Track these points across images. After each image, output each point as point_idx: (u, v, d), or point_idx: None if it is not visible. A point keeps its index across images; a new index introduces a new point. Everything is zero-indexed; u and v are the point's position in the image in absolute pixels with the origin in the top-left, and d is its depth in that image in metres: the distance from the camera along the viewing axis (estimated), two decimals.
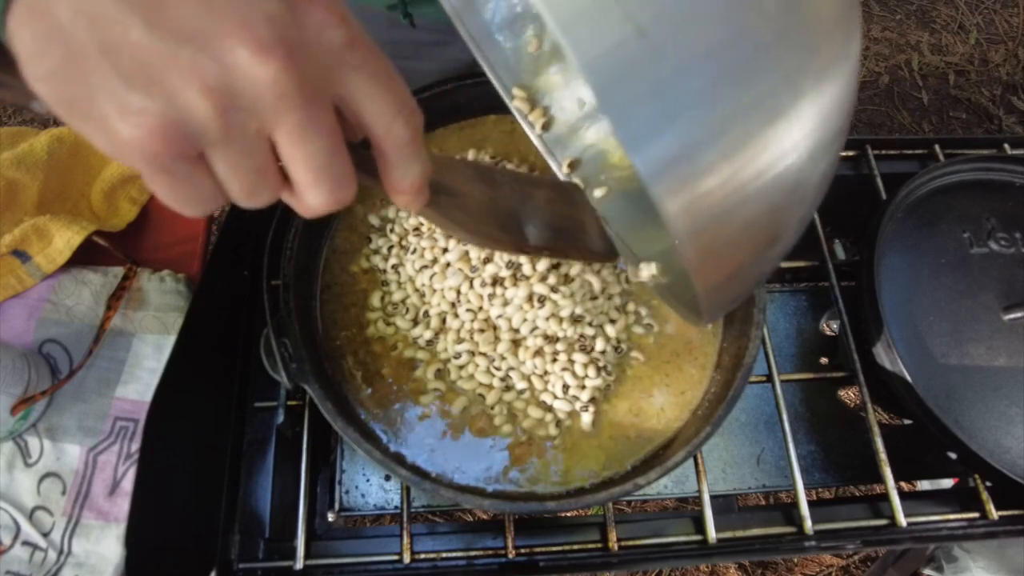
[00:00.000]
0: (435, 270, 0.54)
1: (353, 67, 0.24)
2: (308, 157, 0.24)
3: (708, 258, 0.30)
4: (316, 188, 0.25)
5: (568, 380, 0.51)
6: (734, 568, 1.21)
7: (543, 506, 0.46)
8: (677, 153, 0.26)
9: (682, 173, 0.26)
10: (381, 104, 0.25)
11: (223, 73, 0.21)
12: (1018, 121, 1.68)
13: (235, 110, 0.22)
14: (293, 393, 0.54)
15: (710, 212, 0.28)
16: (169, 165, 0.23)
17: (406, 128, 0.26)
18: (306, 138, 0.24)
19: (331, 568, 0.51)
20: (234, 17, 0.21)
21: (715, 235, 0.29)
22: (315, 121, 0.23)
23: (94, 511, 0.54)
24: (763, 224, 0.31)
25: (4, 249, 0.59)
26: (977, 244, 0.60)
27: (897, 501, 0.54)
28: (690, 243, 0.29)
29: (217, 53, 0.21)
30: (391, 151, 0.27)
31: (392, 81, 0.26)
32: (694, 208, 0.27)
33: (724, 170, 0.27)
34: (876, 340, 0.57)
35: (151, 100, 0.21)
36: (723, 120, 0.26)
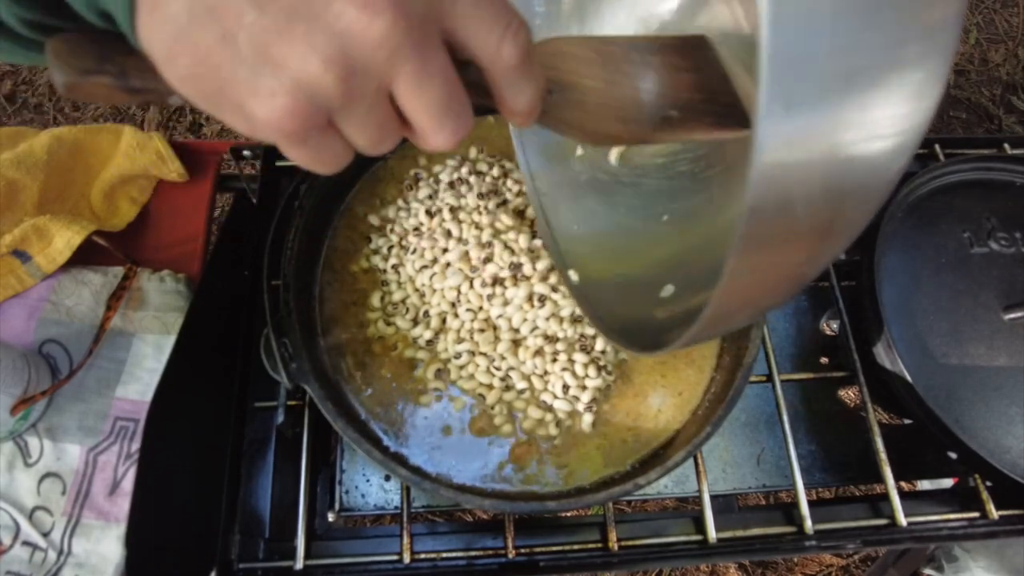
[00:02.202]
0: (435, 270, 0.54)
1: (448, 2, 0.24)
2: (428, 104, 0.25)
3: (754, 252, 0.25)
4: (439, 130, 0.26)
5: (568, 380, 0.51)
6: (734, 568, 1.21)
7: (543, 506, 0.46)
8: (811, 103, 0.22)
9: (802, 127, 0.22)
10: (486, 30, 0.25)
11: (337, 41, 0.22)
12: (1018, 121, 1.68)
13: (356, 74, 0.23)
14: (293, 393, 0.54)
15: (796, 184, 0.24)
16: (305, 137, 0.24)
17: (514, 49, 0.25)
18: (424, 86, 0.24)
19: (331, 568, 0.51)
20: (299, 31, 0.21)
21: (778, 222, 0.25)
22: (429, 67, 0.24)
23: (94, 511, 0.54)
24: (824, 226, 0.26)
25: (4, 249, 0.59)
26: (977, 244, 0.60)
27: (897, 501, 0.54)
28: (751, 219, 0.24)
29: (328, 21, 0.22)
30: (502, 75, 0.26)
31: (493, 5, 0.25)
32: (785, 172, 0.23)
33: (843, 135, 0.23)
34: (876, 340, 0.57)
35: (278, 80, 0.22)
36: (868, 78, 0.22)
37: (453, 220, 0.55)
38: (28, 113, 1.61)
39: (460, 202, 0.56)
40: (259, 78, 0.22)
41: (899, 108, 0.23)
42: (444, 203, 0.56)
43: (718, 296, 0.27)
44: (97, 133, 0.67)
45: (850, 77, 0.22)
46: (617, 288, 0.47)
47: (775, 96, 0.21)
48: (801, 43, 0.21)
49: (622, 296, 0.46)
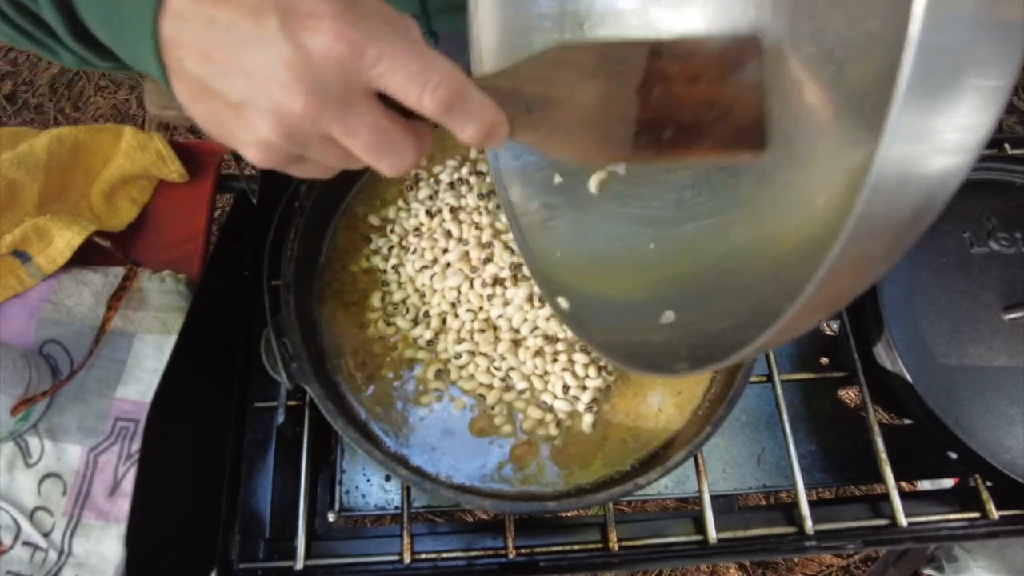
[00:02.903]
0: (435, 270, 0.54)
1: (368, 68, 0.29)
2: (360, 147, 0.31)
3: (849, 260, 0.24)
4: (379, 164, 0.32)
5: (568, 380, 0.51)
6: (734, 568, 1.21)
7: (543, 506, 0.46)
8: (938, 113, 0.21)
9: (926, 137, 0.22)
10: (404, 88, 0.30)
11: (273, 115, 0.29)
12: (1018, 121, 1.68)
13: (294, 133, 0.30)
14: (293, 393, 0.54)
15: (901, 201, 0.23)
16: (285, 166, 0.33)
17: (433, 101, 0.30)
18: (351, 137, 0.30)
19: (331, 568, 0.51)
20: (261, 71, 0.28)
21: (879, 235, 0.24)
22: (352, 124, 0.30)
23: (94, 511, 0.54)
24: (904, 234, 0.25)
25: (4, 249, 0.59)
26: (977, 244, 0.60)
27: (898, 501, 0.53)
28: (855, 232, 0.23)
29: (264, 103, 0.29)
30: (438, 118, 0.31)
31: (409, 63, 0.29)
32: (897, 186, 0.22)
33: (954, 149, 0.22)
34: (876, 340, 0.57)
35: (246, 137, 0.31)
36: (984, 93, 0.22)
37: (453, 220, 0.55)
38: (28, 113, 1.61)
39: (460, 202, 0.56)
40: (237, 135, 0.31)
41: (985, 118, 0.23)
42: (444, 203, 0.56)
43: (799, 306, 0.26)
44: (97, 133, 0.67)
45: (966, 79, 0.21)
46: (611, 314, 0.46)
47: (916, 89, 0.20)
48: (946, 37, 0.20)
49: (616, 322, 0.45)
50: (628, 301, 0.46)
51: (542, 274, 0.49)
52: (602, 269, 0.48)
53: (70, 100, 1.63)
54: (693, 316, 0.41)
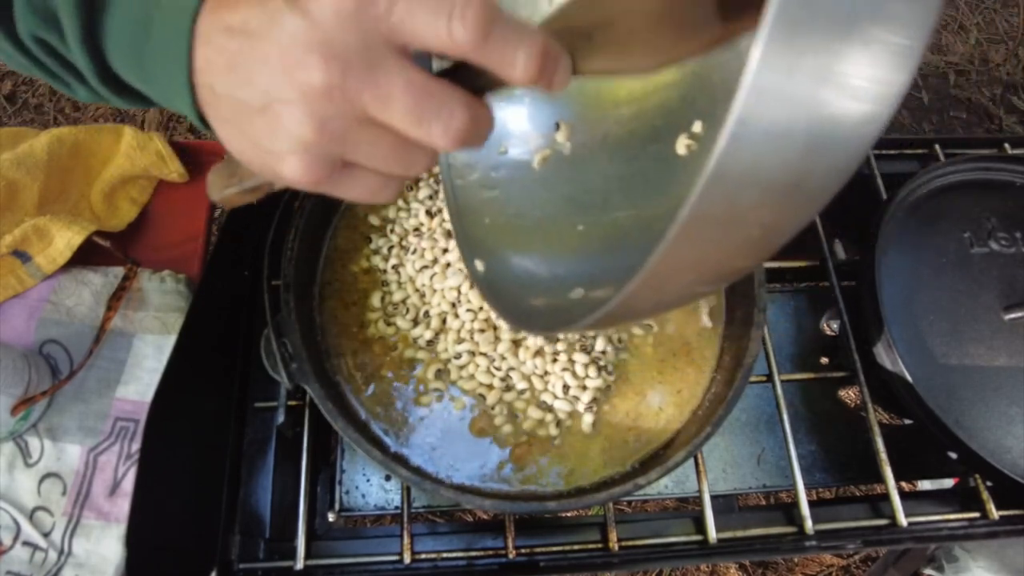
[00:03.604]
0: (435, 270, 0.54)
1: (384, 14, 0.25)
2: (402, 117, 0.26)
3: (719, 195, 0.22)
4: (429, 135, 0.26)
5: (568, 380, 0.51)
6: (735, 568, 1.21)
7: (543, 506, 0.46)
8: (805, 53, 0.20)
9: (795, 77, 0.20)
10: (429, 22, 0.25)
11: (301, 103, 0.26)
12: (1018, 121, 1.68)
13: (329, 122, 0.26)
14: (293, 393, 0.54)
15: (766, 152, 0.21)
16: (331, 180, 0.28)
17: (466, 26, 0.25)
18: (388, 104, 0.26)
19: (331, 568, 0.51)
20: (278, 57, 0.26)
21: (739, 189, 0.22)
22: (384, 86, 0.26)
23: (94, 511, 0.54)
24: (791, 185, 0.23)
25: (4, 249, 0.59)
26: (977, 244, 0.60)
27: (898, 501, 0.53)
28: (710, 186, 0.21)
29: (289, 92, 0.26)
30: (474, 56, 0.26)
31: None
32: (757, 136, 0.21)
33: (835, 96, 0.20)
34: (876, 340, 0.57)
35: (284, 147, 0.27)
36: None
37: None
38: (28, 113, 1.61)
39: None
40: (276, 152, 0.27)
41: (887, 72, 0.21)
42: (444, 203, 0.56)
43: (663, 251, 0.24)
44: (97, 133, 0.67)
45: (855, 21, 0.20)
46: (523, 284, 0.46)
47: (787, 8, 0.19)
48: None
49: (527, 291, 0.45)
50: (544, 274, 0.46)
51: (465, 235, 0.48)
52: (527, 241, 0.48)
53: (70, 100, 1.63)
54: (599, 295, 0.41)
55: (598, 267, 0.44)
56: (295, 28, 0.25)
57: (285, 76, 0.26)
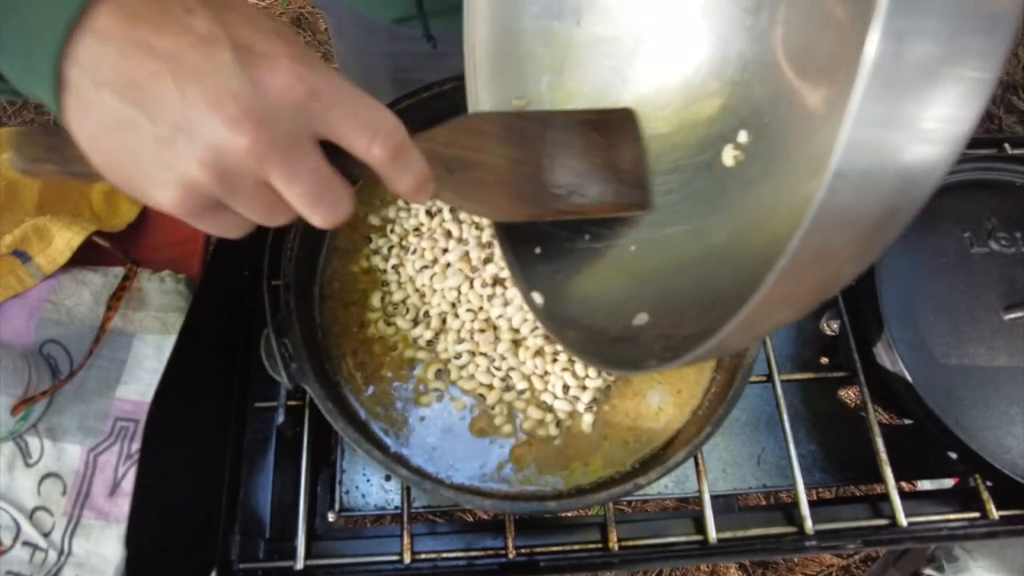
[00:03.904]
0: (435, 270, 0.54)
1: (321, 112, 0.29)
2: (298, 195, 0.29)
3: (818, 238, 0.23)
4: (313, 215, 0.30)
5: (568, 380, 0.51)
6: (735, 568, 1.21)
7: (544, 506, 0.46)
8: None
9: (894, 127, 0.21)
10: (355, 135, 0.30)
11: (210, 149, 0.27)
12: (1018, 121, 1.68)
13: (229, 174, 0.28)
14: (293, 393, 0.54)
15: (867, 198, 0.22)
16: (199, 216, 0.30)
17: (383, 149, 0.30)
18: (292, 182, 0.29)
19: (331, 568, 0.51)
20: (208, 102, 0.26)
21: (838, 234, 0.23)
22: (296, 167, 0.29)
23: (94, 511, 0.54)
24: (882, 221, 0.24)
25: (4, 249, 0.59)
26: (977, 244, 0.60)
27: (898, 501, 0.53)
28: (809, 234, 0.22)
29: (203, 135, 0.27)
30: (378, 169, 0.31)
31: (362, 111, 0.30)
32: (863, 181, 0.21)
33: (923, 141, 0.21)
34: (876, 340, 0.57)
35: (168, 177, 0.28)
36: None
37: (453, 220, 0.55)
38: (28, 113, 1.61)
39: None
40: (154, 175, 0.28)
41: (968, 108, 0.22)
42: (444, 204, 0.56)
43: (760, 297, 0.25)
44: None
45: (942, 65, 0.21)
46: (585, 313, 0.46)
47: (881, 73, 0.20)
48: (916, 22, 0.20)
49: (590, 320, 0.45)
50: (604, 301, 0.46)
51: (520, 268, 0.49)
52: (581, 268, 0.48)
53: None
54: (666, 319, 0.41)
55: (659, 289, 0.43)
56: (237, 88, 0.27)
57: (206, 124, 0.26)
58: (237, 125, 0.26)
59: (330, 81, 0.29)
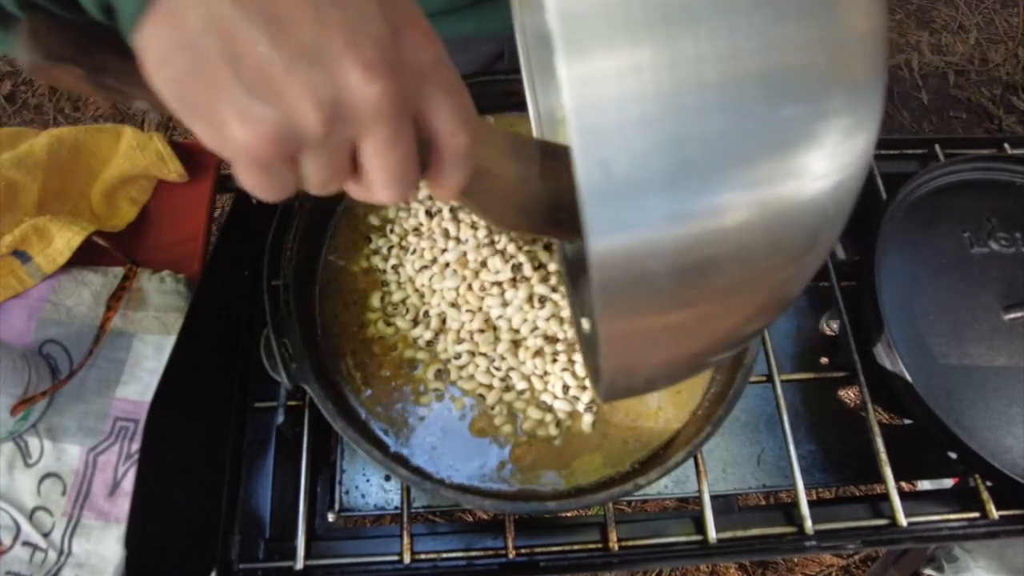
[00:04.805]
0: (435, 270, 0.54)
1: (436, 84, 0.27)
2: (387, 165, 0.27)
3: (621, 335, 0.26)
4: (388, 189, 0.28)
5: (568, 380, 0.51)
6: (734, 568, 1.21)
7: (543, 506, 0.46)
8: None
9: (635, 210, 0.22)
10: (451, 117, 0.28)
11: (335, 89, 0.24)
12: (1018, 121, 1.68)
13: (340, 121, 0.25)
14: (293, 393, 0.54)
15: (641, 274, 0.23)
16: (269, 164, 0.25)
17: (466, 139, 0.29)
18: (389, 150, 0.26)
19: (331, 568, 0.51)
20: (346, 36, 0.23)
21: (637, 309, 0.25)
22: (398, 135, 0.26)
23: (94, 511, 0.54)
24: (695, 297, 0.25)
25: (4, 249, 0.59)
26: (977, 244, 0.60)
27: (897, 501, 0.53)
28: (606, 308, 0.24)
29: (331, 70, 0.24)
30: (448, 157, 0.30)
31: (463, 97, 0.29)
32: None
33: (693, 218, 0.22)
34: (876, 340, 0.57)
35: (269, 108, 0.24)
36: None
37: (452, 220, 0.55)
38: (28, 113, 1.61)
39: None
40: (251, 102, 0.24)
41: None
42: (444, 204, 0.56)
43: (604, 358, 0.28)
44: (97, 133, 0.67)
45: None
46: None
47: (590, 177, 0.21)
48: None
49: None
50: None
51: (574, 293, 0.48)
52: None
53: (70, 100, 1.63)
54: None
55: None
56: (380, 32, 0.24)
57: (341, 58, 0.24)
58: (372, 70, 0.24)
59: (446, 57, 0.27)
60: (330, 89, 0.24)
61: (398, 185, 0.28)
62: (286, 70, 0.23)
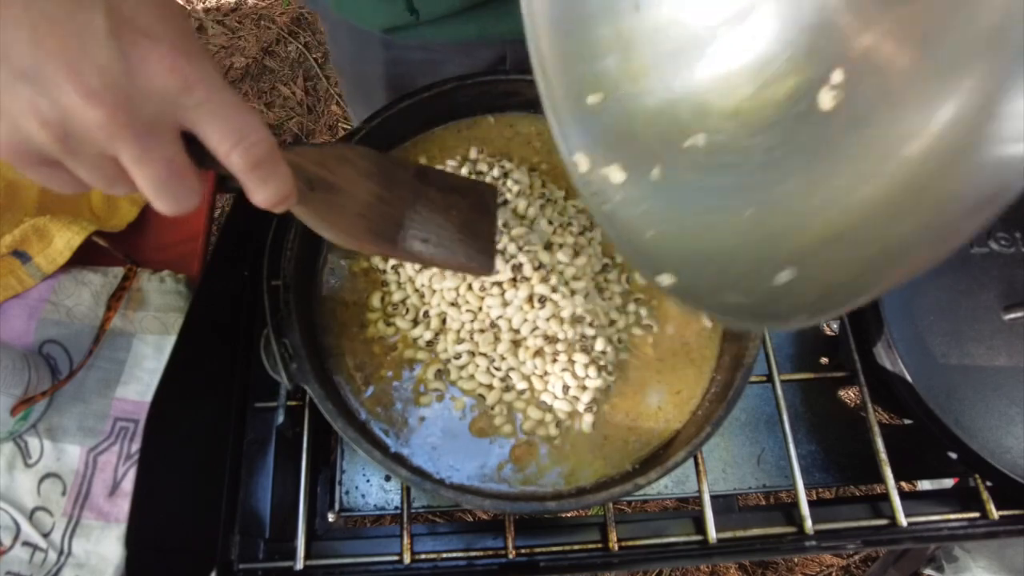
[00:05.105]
0: (434, 270, 0.54)
1: (191, 106, 0.28)
2: (146, 179, 0.29)
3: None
4: (156, 200, 0.30)
5: (568, 380, 0.51)
6: (735, 568, 1.21)
7: (543, 506, 0.46)
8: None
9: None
10: (219, 136, 0.29)
11: (57, 111, 0.25)
12: None
13: (71, 139, 0.26)
14: (293, 393, 0.54)
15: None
16: (29, 168, 0.28)
17: (243, 158, 0.30)
18: (142, 165, 0.28)
19: (331, 568, 0.51)
20: (67, 63, 0.25)
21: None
22: (149, 152, 0.28)
23: (94, 511, 0.54)
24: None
25: (4, 250, 0.59)
26: (977, 244, 0.60)
27: (897, 501, 0.54)
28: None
29: (52, 93, 0.25)
30: (236, 174, 0.31)
31: (232, 115, 0.29)
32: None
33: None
34: (876, 340, 0.57)
35: (11, 123, 0.26)
36: None
37: None
38: None
39: None
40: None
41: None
42: None
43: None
44: None
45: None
46: (720, 283, 0.44)
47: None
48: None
49: (728, 287, 0.43)
50: (736, 269, 0.45)
51: (637, 255, 0.47)
52: (701, 243, 0.47)
53: None
54: (809, 271, 0.40)
55: (788, 244, 0.42)
56: (106, 61, 0.25)
57: (63, 84, 0.25)
58: (94, 97, 0.25)
59: (207, 78, 0.28)
60: (52, 110, 0.25)
61: (165, 196, 0.30)
62: (9, 89, 0.25)
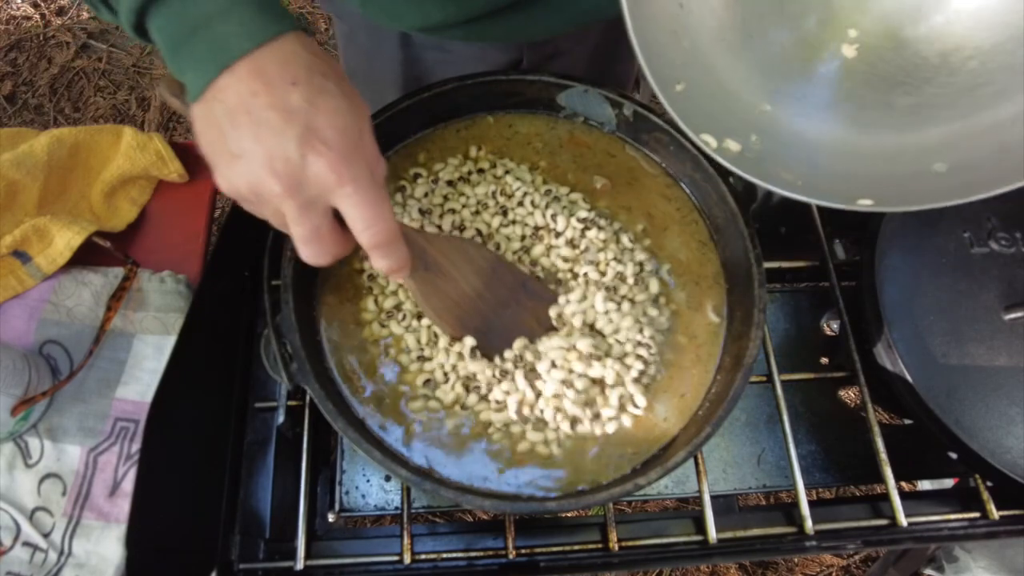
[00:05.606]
0: None
1: (340, 196, 0.39)
2: (297, 233, 0.41)
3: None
4: (302, 250, 0.42)
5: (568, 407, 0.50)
6: (735, 568, 1.21)
7: (543, 506, 0.46)
8: None
9: None
10: (355, 220, 0.40)
11: (254, 178, 0.38)
12: None
13: (259, 196, 0.39)
14: (293, 393, 0.54)
15: None
16: (240, 201, 0.41)
17: (371, 240, 0.41)
18: (296, 225, 0.40)
19: (331, 569, 0.51)
20: (265, 151, 0.37)
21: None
22: (304, 217, 0.40)
23: (94, 512, 0.54)
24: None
25: (4, 250, 0.59)
26: (977, 244, 0.60)
27: (898, 501, 0.53)
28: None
29: (252, 167, 0.38)
30: (365, 247, 0.42)
31: (368, 207, 0.40)
32: None
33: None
34: (876, 340, 0.57)
35: (227, 172, 0.39)
36: None
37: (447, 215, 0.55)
38: (28, 114, 1.61)
39: (460, 203, 0.56)
40: (220, 165, 0.40)
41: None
42: (443, 205, 0.56)
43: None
44: (97, 134, 0.67)
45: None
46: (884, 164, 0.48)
47: None
48: None
49: (888, 168, 0.48)
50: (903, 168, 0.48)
51: (834, 192, 0.48)
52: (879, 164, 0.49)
53: (70, 100, 1.63)
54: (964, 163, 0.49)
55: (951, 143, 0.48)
56: (289, 155, 0.37)
57: (258, 166, 0.38)
58: (276, 177, 0.38)
59: (358, 179, 0.39)
60: (252, 178, 0.38)
61: (309, 247, 0.41)
62: (234, 156, 0.38)
